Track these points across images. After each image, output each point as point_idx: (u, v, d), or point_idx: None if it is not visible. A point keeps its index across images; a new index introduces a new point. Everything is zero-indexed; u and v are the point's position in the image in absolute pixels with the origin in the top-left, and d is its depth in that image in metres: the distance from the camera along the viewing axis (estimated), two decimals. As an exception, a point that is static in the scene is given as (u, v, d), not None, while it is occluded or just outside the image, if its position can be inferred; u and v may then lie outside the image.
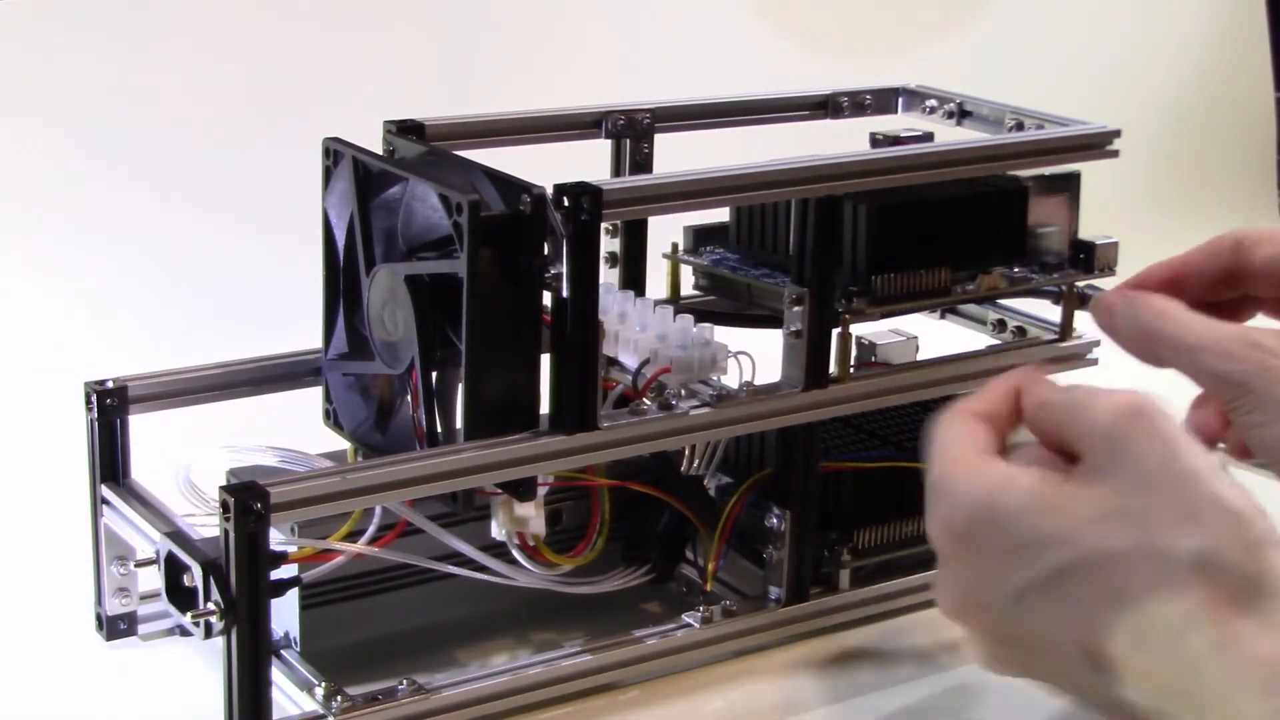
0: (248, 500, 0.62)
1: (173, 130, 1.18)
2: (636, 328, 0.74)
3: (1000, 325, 0.86)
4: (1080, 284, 0.81)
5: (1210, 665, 0.53)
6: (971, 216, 0.77)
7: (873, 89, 0.90)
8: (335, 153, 0.72)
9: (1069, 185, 0.81)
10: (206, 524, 0.69)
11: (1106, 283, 0.81)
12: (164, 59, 1.18)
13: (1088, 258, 0.81)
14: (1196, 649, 0.53)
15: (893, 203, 0.75)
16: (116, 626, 0.76)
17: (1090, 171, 0.80)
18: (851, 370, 0.76)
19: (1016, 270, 0.79)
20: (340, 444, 0.75)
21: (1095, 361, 0.82)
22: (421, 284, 0.68)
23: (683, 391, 0.73)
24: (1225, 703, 0.53)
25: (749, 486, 0.77)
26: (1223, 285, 0.71)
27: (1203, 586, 0.54)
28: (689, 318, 0.75)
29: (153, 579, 0.70)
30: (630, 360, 0.73)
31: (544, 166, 0.71)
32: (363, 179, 0.71)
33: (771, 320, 0.77)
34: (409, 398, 0.69)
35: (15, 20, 1.13)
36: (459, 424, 0.68)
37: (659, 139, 0.84)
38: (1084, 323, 0.82)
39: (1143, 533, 0.55)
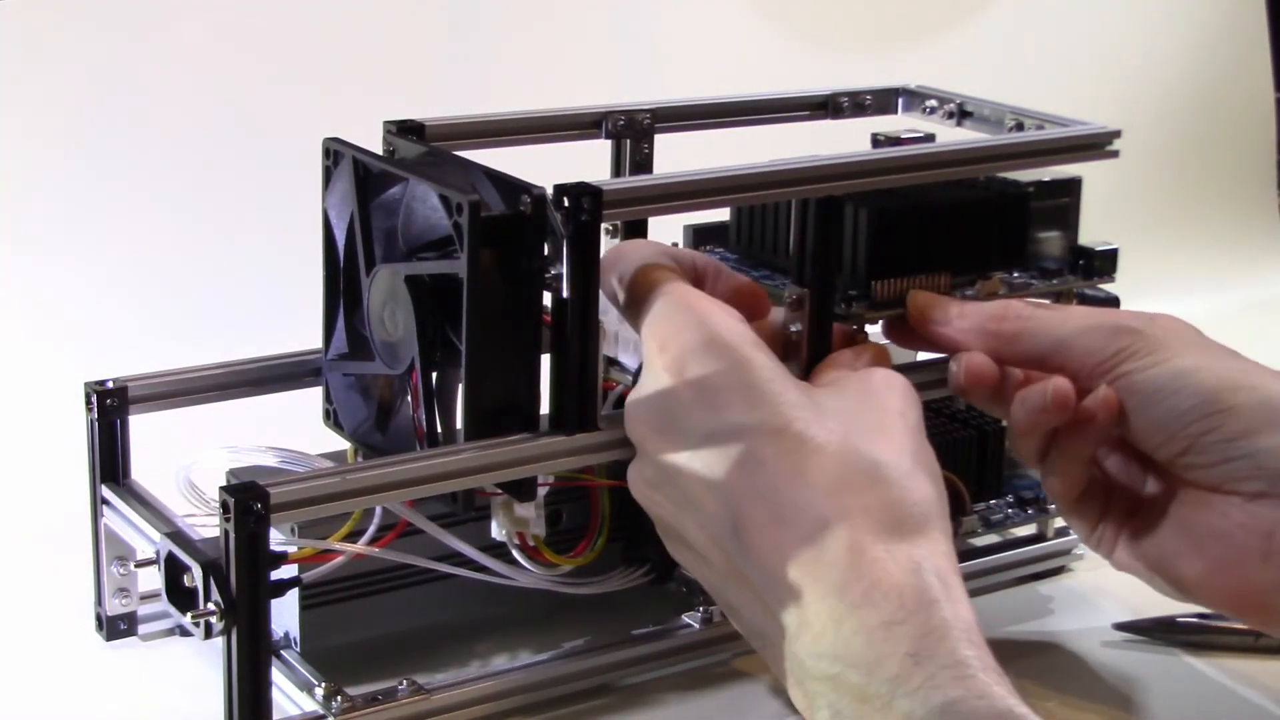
0: (248, 500, 0.62)
1: (172, 130, 1.18)
2: (636, 328, 0.74)
3: (1000, 325, 0.86)
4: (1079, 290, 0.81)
5: (831, 561, 0.57)
6: (973, 222, 0.77)
7: (873, 89, 0.90)
8: (335, 153, 0.72)
9: (1070, 191, 0.81)
10: (206, 524, 0.69)
11: (1106, 288, 0.81)
12: (163, 58, 1.18)
13: (1087, 264, 0.81)
14: (833, 543, 0.57)
15: (893, 207, 0.75)
16: (116, 626, 0.76)
17: (1090, 171, 0.80)
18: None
19: (1016, 276, 0.79)
20: (340, 444, 0.75)
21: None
22: (421, 284, 0.68)
23: (683, 392, 0.73)
24: (819, 599, 0.56)
25: (749, 487, 0.77)
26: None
27: (871, 495, 0.58)
28: (689, 318, 0.75)
29: (153, 579, 0.70)
30: (630, 360, 0.73)
31: (544, 166, 0.71)
32: (363, 179, 0.71)
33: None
34: (409, 398, 0.69)
35: (15, 20, 1.13)
36: (459, 424, 0.68)
37: (659, 139, 0.84)
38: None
39: (846, 439, 0.60)
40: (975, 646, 0.55)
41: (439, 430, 0.69)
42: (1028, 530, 0.86)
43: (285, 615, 0.72)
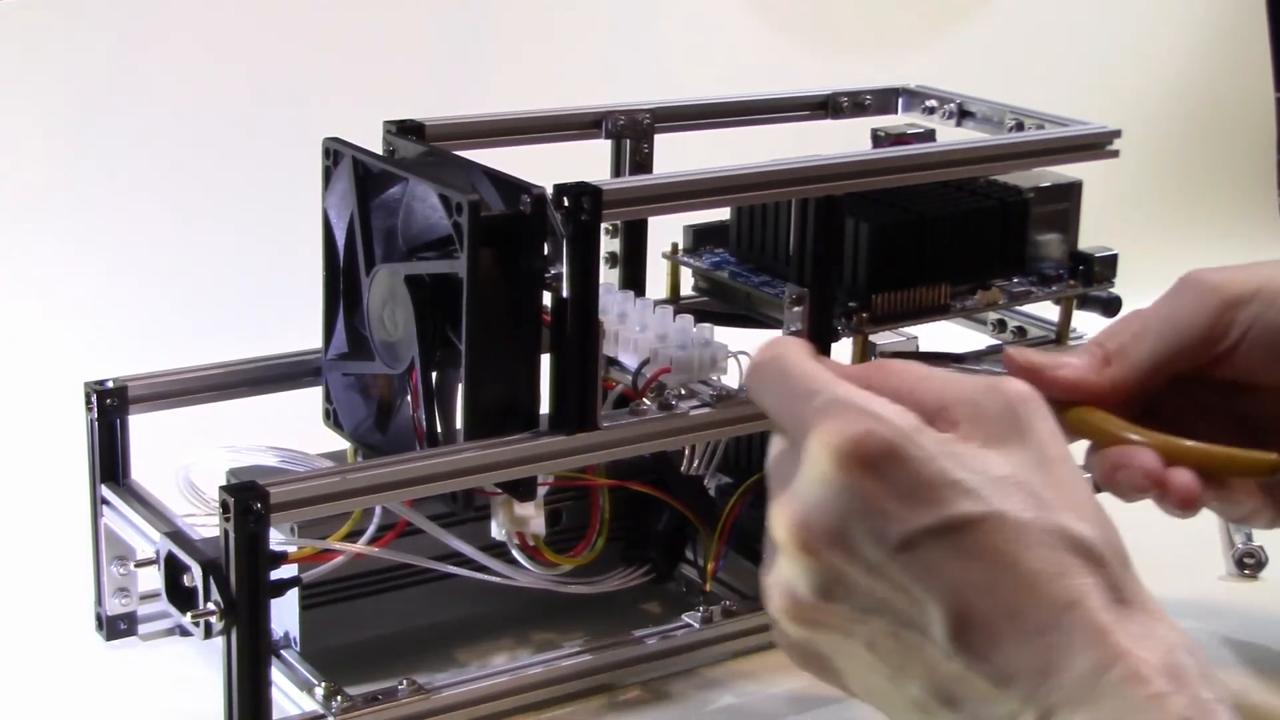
0: (248, 500, 0.62)
1: (173, 130, 1.18)
2: (636, 328, 0.74)
3: (1000, 325, 0.86)
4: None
5: (1081, 648, 0.53)
6: (973, 232, 0.77)
7: (873, 89, 0.90)
8: (335, 153, 0.72)
9: (1070, 196, 0.81)
10: (206, 524, 0.69)
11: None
12: (163, 59, 1.18)
13: (1086, 269, 0.80)
14: (1078, 631, 0.54)
15: (893, 221, 0.75)
16: (116, 626, 0.76)
17: (1090, 171, 0.80)
18: (851, 370, 0.76)
19: (1015, 282, 0.79)
20: (340, 444, 0.75)
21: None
22: (421, 284, 0.68)
23: (683, 391, 0.73)
24: (1074, 683, 0.53)
25: (749, 486, 0.77)
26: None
27: (1090, 577, 0.54)
28: (689, 318, 0.75)
29: (153, 579, 0.70)
30: (630, 360, 0.73)
31: (544, 166, 0.71)
32: (363, 179, 0.71)
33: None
34: (409, 398, 0.69)
35: (14, 20, 1.13)
36: (459, 424, 0.68)
37: (659, 139, 0.84)
38: (1082, 326, 0.82)
39: (1042, 511, 0.55)
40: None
41: (439, 430, 0.69)
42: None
43: (285, 615, 0.72)
